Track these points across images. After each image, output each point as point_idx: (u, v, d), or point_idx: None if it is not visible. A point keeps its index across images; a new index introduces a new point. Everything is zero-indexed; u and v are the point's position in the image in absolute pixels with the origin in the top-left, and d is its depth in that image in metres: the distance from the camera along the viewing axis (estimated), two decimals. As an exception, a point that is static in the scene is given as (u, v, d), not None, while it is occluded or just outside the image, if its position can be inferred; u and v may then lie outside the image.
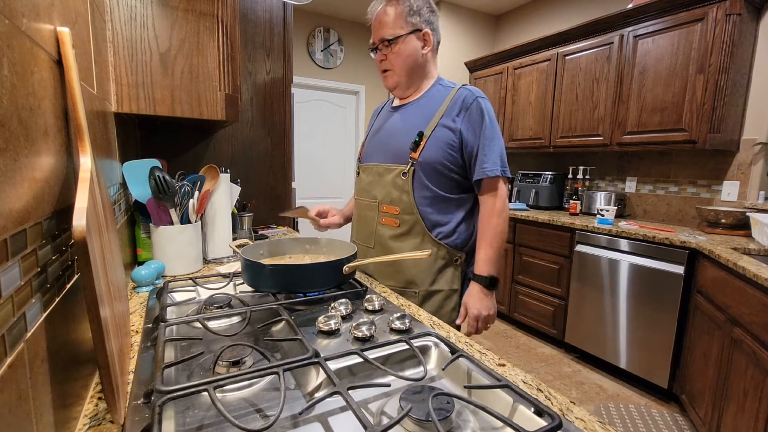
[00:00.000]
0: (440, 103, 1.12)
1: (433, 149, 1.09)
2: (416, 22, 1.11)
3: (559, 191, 3.25)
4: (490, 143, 1.09)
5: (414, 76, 1.16)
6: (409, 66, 1.14)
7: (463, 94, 1.11)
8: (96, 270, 0.42)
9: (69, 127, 0.54)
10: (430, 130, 1.10)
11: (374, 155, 1.23)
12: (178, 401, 0.53)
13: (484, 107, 1.10)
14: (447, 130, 1.10)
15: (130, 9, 1.00)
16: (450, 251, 1.14)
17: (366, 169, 1.24)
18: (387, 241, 1.17)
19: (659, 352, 2.12)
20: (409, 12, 1.10)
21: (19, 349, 0.35)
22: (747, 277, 1.48)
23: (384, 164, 1.18)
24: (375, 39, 1.14)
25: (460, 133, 1.09)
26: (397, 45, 1.11)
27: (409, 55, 1.12)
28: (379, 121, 1.29)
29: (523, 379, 0.62)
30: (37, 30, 0.44)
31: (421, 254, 0.89)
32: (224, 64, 1.13)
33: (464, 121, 1.09)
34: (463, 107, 1.09)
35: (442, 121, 1.10)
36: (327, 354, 0.61)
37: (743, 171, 2.33)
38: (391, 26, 1.10)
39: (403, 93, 1.20)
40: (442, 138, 1.09)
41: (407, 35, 1.10)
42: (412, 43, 1.12)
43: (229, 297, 0.85)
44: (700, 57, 2.19)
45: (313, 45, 4.13)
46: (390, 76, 1.16)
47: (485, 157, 1.09)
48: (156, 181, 1.04)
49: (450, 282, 1.16)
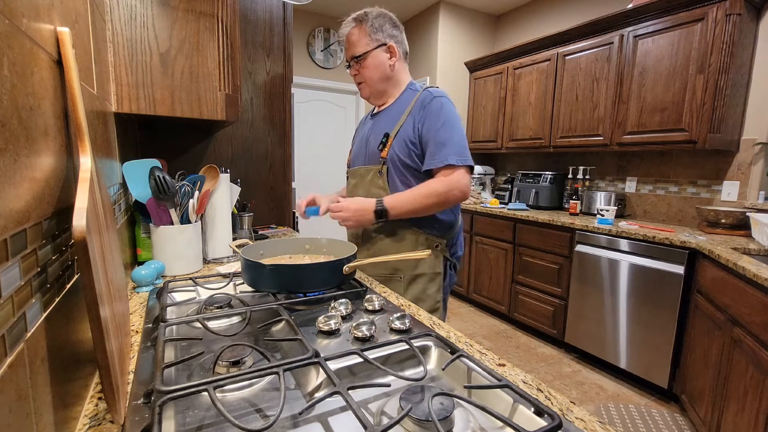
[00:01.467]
0: (407, 105, 1.24)
1: (397, 147, 1.21)
2: (380, 38, 1.24)
3: (559, 191, 3.25)
4: (443, 135, 1.16)
5: (385, 85, 1.29)
6: (379, 77, 1.26)
7: (424, 95, 1.23)
8: (96, 270, 0.42)
9: (69, 127, 0.54)
10: (395, 131, 1.22)
11: (357, 160, 1.35)
12: (178, 401, 0.53)
13: (440, 104, 1.19)
14: (408, 129, 1.20)
15: (130, 9, 1.00)
16: (428, 238, 1.24)
17: (352, 173, 1.36)
18: (371, 233, 1.28)
19: (659, 352, 2.12)
20: (372, 30, 1.23)
21: (19, 349, 0.35)
22: (747, 277, 1.48)
23: (363, 166, 1.30)
24: (347, 57, 1.29)
25: (417, 129, 1.19)
26: (366, 60, 1.24)
27: (376, 66, 1.25)
28: (361, 130, 1.41)
29: (523, 379, 0.62)
30: (37, 30, 0.44)
31: (421, 254, 0.90)
32: (224, 64, 1.13)
33: (422, 116, 1.19)
34: (422, 106, 1.20)
35: (406, 122, 1.21)
36: (327, 354, 0.61)
37: (743, 171, 2.33)
38: (358, 45, 1.24)
39: (377, 101, 1.33)
40: (404, 136, 1.20)
41: (373, 50, 1.23)
42: (378, 56, 1.24)
43: (229, 297, 0.85)
44: (700, 57, 2.19)
45: (313, 45, 4.13)
46: (363, 87, 1.30)
47: (436, 148, 1.16)
48: (156, 181, 1.04)
49: (432, 267, 1.25)
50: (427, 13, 3.99)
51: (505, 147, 3.51)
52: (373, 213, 1.15)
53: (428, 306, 1.25)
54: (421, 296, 1.25)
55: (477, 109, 3.78)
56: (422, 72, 4.07)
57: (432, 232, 1.24)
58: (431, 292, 1.25)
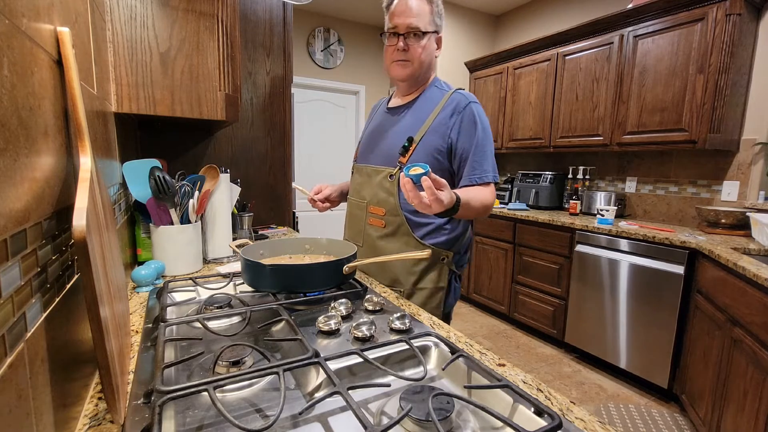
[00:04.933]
0: (434, 107, 1.14)
1: (422, 155, 1.11)
2: (439, 24, 1.14)
3: (559, 191, 3.25)
4: (482, 150, 1.10)
5: (425, 75, 1.18)
6: (426, 64, 1.15)
7: (457, 98, 1.12)
8: (96, 270, 0.42)
9: (69, 127, 0.54)
10: (420, 136, 1.12)
11: (366, 156, 1.25)
12: (178, 401, 0.53)
13: (476, 112, 1.10)
14: (437, 136, 1.11)
15: (130, 9, 1.00)
16: (435, 250, 1.14)
17: (358, 169, 1.27)
18: (375, 241, 1.19)
19: (659, 352, 2.12)
20: (437, 13, 1.13)
21: (19, 349, 0.35)
22: (747, 277, 1.48)
23: (373, 166, 1.20)
24: (401, 25, 1.09)
25: (450, 139, 1.10)
26: (424, 40, 1.11)
27: (429, 52, 1.14)
28: (374, 122, 1.30)
29: (523, 379, 0.62)
30: (37, 30, 0.44)
31: (421, 254, 0.89)
32: (224, 64, 1.13)
33: (456, 126, 1.10)
34: (456, 111, 1.10)
35: (433, 126, 1.11)
36: (327, 354, 0.61)
37: (743, 171, 2.33)
38: (422, 18, 1.09)
39: (409, 88, 1.20)
40: (432, 144, 1.10)
41: (431, 34, 1.12)
42: (432, 43, 1.14)
43: (229, 297, 0.85)
44: (700, 57, 2.19)
45: (313, 45, 4.13)
46: (406, 66, 1.13)
47: (476, 164, 1.09)
48: (156, 181, 1.04)
49: (435, 281, 1.16)
50: (427, 13, 3.98)
51: (505, 147, 3.51)
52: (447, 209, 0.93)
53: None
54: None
55: (477, 109, 3.77)
56: (422, 72, 4.06)
57: (438, 243, 1.15)
58: (431, 307, 1.17)
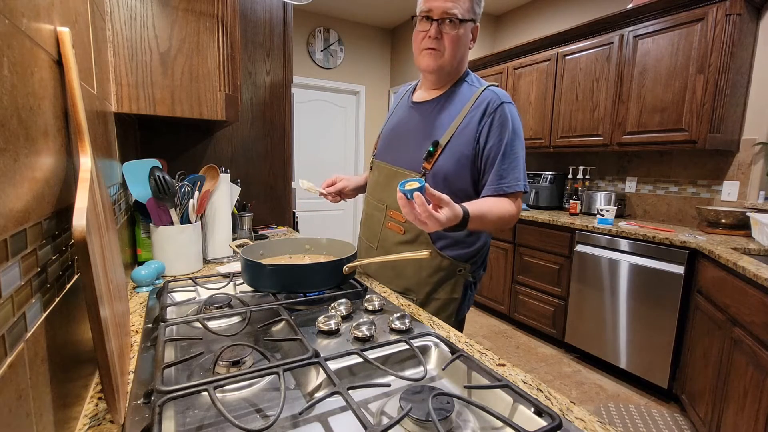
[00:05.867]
0: (462, 106, 1.05)
1: (448, 161, 1.02)
2: (477, 13, 1.03)
3: (559, 191, 3.25)
4: (512, 156, 1.00)
5: (458, 68, 1.08)
6: (460, 56, 1.04)
7: (488, 97, 1.02)
8: (96, 270, 0.42)
9: (69, 127, 0.54)
10: (446, 139, 1.03)
11: (387, 153, 1.17)
12: (178, 401, 0.53)
13: (509, 114, 1.01)
14: (465, 140, 1.02)
15: (130, 9, 1.00)
16: (454, 263, 1.09)
17: (378, 167, 1.18)
18: (391, 246, 1.13)
19: (659, 352, 2.12)
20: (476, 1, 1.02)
21: (19, 349, 0.35)
22: (747, 277, 1.48)
23: (395, 167, 1.12)
24: (436, 9, 0.97)
25: (478, 144, 1.01)
26: (461, 29, 1.00)
27: (463, 44, 1.03)
28: (396, 116, 1.21)
29: (523, 379, 0.62)
30: (37, 30, 0.44)
31: (420, 254, 0.88)
32: (224, 64, 1.13)
33: (486, 127, 1.01)
34: (487, 112, 1.01)
35: (460, 128, 1.03)
36: (327, 354, 0.61)
37: (743, 171, 2.33)
38: (462, 5, 0.98)
39: (438, 82, 1.10)
40: (459, 149, 1.02)
41: (469, 22, 1.01)
42: (468, 33, 1.03)
43: (229, 297, 0.85)
44: (700, 57, 2.19)
45: (313, 45, 4.13)
46: (437, 56, 1.02)
47: (504, 171, 1.00)
48: (156, 181, 1.04)
49: (450, 292, 1.12)
50: (427, 13, 3.98)
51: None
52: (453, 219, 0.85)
53: None
54: None
55: (477, 109, 3.77)
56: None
57: (457, 255, 1.09)
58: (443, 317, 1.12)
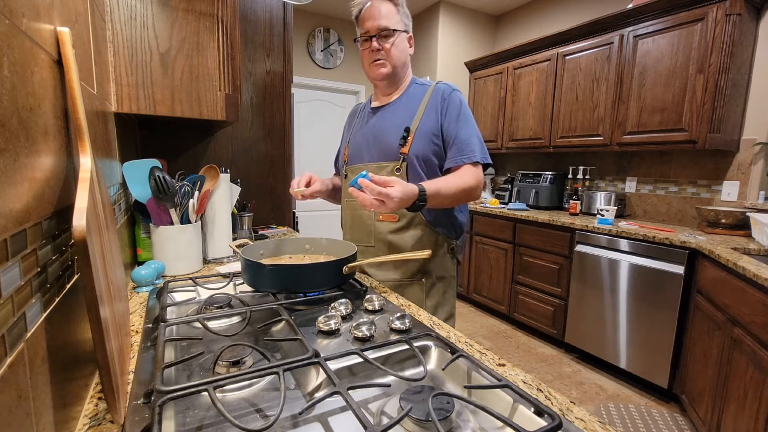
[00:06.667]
0: (420, 100, 1.18)
1: (421, 142, 1.14)
2: (407, 24, 1.19)
3: (559, 191, 3.25)
4: (466, 131, 1.13)
5: (402, 72, 1.22)
6: (402, 62, 1.19)
7: (441, 87, 1.18)
8: (96, 270, 0.42)
9: (69, 127, 0.54)
10: (415, 125, 1.15)
11: (361, 156, 1.24)
12: (178, 401, 0.53)
13: (460, 99, 1.17)
14: (432, 123, 1.15)
15: (130, 9, 1.00)
16: (447, 239, 1.20)
17: (355, 170, 1.23)
18: (387, 236, 1.18)
19: (659, 352, 2.12)
20: (403, 13, 1.18)
21: (19, 349, 0.35)
22: (747, 277, 1.48)
23: (374, 163, 1.20)
24: (372, 28, 1.14)
25: (441, 125, 1.15)
26: (395, 38, 1.16)
27: (402, 50, 1.18)
28: (360, 123, 1.30)
29: (523, 379, 0.62)
30: (37, 30, 0.44)
31: (421, 254, 0.90)
32: (224, 64, 1.13)
33: (444, 109, 1.15)
34: (443, 97, 1.16)
35: (425, 115, 1.15)
36: (327, 354, 0.61)
37: (743, 171, 2.33)
38: (391, 18, 1.14)
39: (388, 87, 1.23)
40: (428, 131, 1.14)
41: (401, 32, 1.17)
42: (404, 41, 1.19)
43: (229, 297, 0.85)
44: (700, 57, 2.19)
45: (313, 45, 4.13)
46: (383, 65, 1.17)
47: (463, 144, 1.12)
48: (156, 181, 1.04)
49: (449, 269, 1.22)
50: (427, 13, 3.99)
51: (505, 147, 3.51)
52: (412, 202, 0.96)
53: (446, 312, 1.20)
54: (442, 301, 1.19)
55: (477, 109, 3.78)
56: (422, 72, 4.06)
57: (450, 233, 1.19)
58: (449, 296, 1.21)
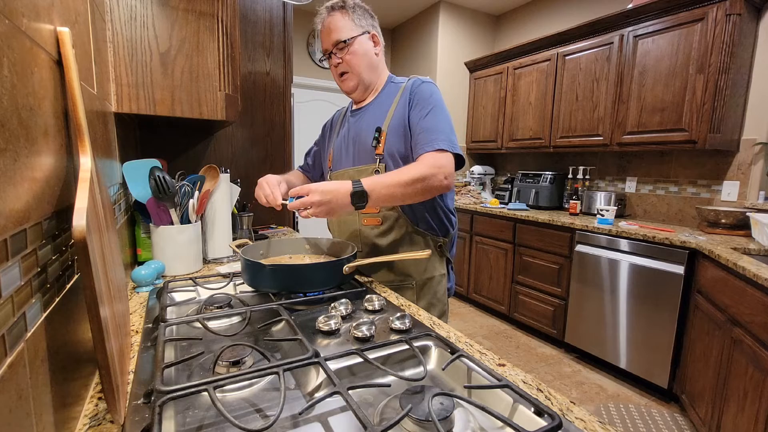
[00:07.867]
0: (395, 96, 1.17)
1: (393, 140, 1.12)
2: (364, 25, 1.18)
3: (559, 191, 3.25)
4: (433, 119, 1.08)
5: (372, 75, 1.21)
6: (366, 65, 1.18)
7: (411, 82, 1.17)
8: (96, 270, 0.42)
9: (69, 127, 0.54)
10: (387, 124, 1.14)
11: (342, 161, 1.24)
12: (178, 401, 0.53)
13: (430, 90, 1.13)
14: (400, 120, 1.13)
15: (130, 9, 1.00)
16: (433, 239, 1.19)
17: (338, 176, 1.23)
18: (373, 239, 1.18)
19: (659, 352, 2.12)
20: (356, 17, 1.17)
21: (19, 349, 0.35)
22: (747, 277, 1.48)
23: (354, 167, 1.19)
24: (328, 45, 1.17)
25: (408, 117, 1.12)
26: (353, 45, 1.15)
27: (364, 54, 1.17)
28: (338, 129, 1.30)
29: (523, 379, 0.62)
30: (37, 30, 0.44)
31: (421, 254, 0.90)
32: (224, 64, 1.13)
33: (412, 102, 1.13)
34: (411, 91, 1.14)
35: (396, 112, 1.14)
36: (327, 354, 0.61)
37: (743, 171, 2.33)
38: (342, 30, 1.15)
39: (362, 95, 1.23)
40: (398, 127, 1.12)
41: (359, 36, 1.16)
42: (364, 43, 1.17)
43: (229, 297, 0.85)
44: (700, 57, 2.19)
45: (313, 45, 4.13)
46: (349, 78, 1.18)
47: (428, 132, 1.07)
48: (156, 181, 1.04)
49: (438, 269, 1.21)
50: (427, 13, 3.99)
51: (505, 147, 3.51)
52: (349, 196, 0.93)
53: (439, 310, 1.21)
54: (433, 301, 1.20)
55: (477, 109, 3.78)
56: (422, 72, 4.06)
57: (436, 232, 1.20)
58: (440, 295, 1.21)
